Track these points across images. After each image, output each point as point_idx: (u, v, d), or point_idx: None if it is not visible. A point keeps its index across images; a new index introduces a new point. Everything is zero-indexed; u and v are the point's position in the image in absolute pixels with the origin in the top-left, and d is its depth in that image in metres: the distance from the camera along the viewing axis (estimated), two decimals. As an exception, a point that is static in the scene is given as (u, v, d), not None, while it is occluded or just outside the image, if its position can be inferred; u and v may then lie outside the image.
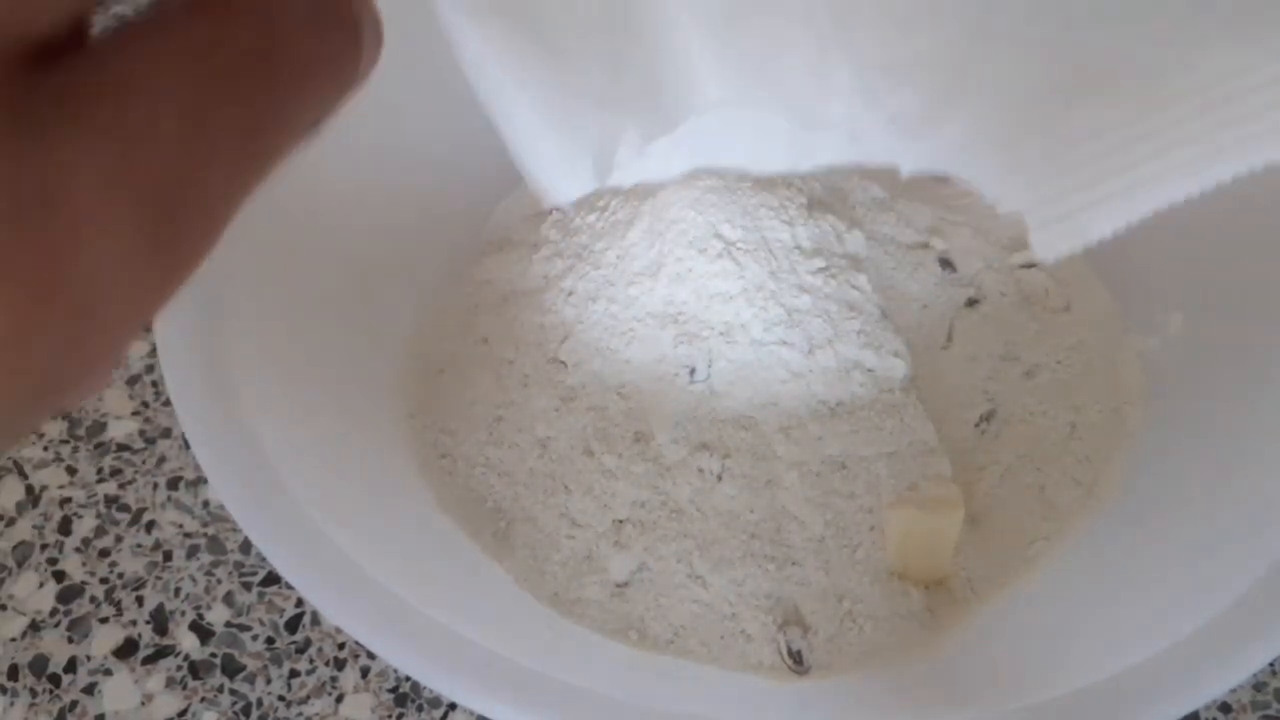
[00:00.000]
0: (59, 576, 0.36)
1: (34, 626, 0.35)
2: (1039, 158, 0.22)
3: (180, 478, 0.38)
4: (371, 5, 0.14)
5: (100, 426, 0.39)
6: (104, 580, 0.36)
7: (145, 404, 0.39)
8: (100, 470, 0.38)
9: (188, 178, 0.12)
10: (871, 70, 0.23)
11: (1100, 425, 0.34)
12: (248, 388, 0.29)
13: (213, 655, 0.34)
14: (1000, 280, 0.37)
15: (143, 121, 0.11)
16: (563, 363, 0.34)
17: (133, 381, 0.40)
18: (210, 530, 0.37)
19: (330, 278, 0.34)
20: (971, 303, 0.36)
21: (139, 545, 0.36)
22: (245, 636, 0.35)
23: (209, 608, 0.35)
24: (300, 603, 0.35)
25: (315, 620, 0.35)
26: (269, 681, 0.34)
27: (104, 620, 0.35)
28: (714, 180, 0.33)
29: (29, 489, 0.38)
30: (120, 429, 0.39)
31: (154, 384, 0.40)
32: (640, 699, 0.26)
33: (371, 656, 0.34)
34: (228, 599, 0.35)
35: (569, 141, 0.23)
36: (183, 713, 0.33)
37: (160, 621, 0.35)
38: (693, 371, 0.32)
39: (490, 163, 0.40)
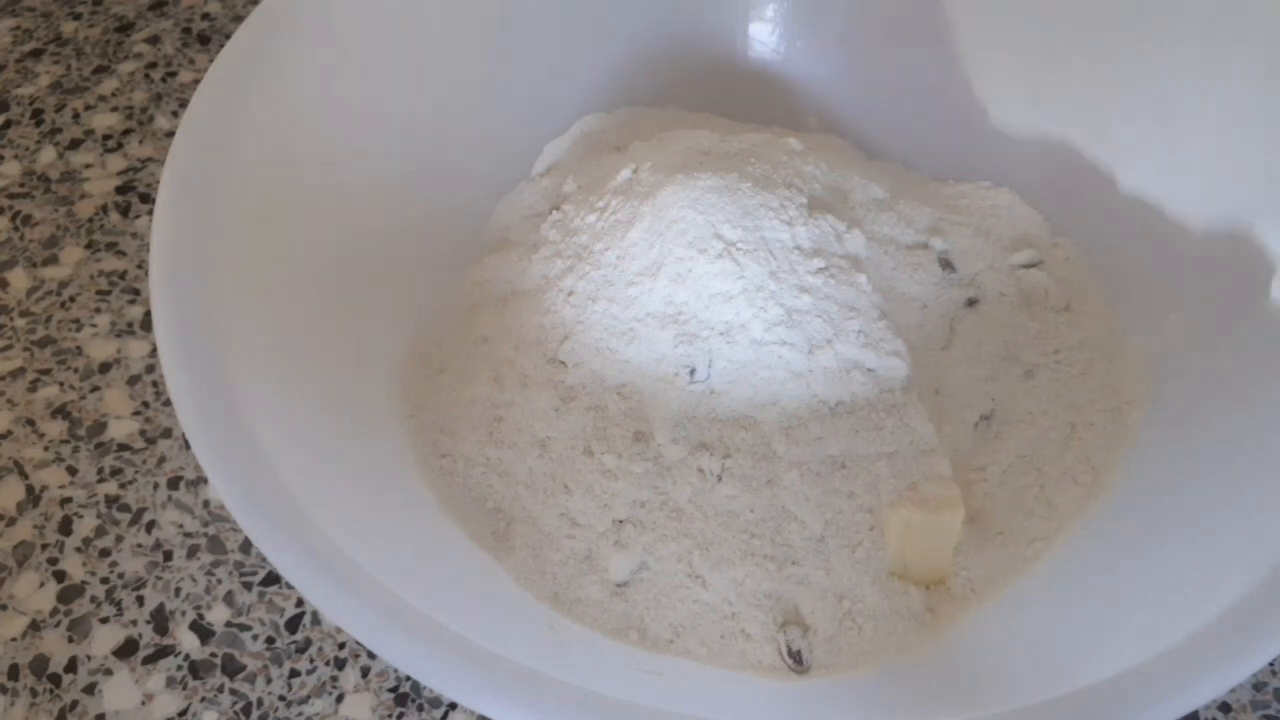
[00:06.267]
0: (59, 576, 0.36)
1: (34, 626, 0.35)
2: None
3: (180, 478, 0.38)
4: None
5: (100, 426, 0.39)
6: (104, 580, 0.36)
7: (145, 404, 0.39)
8: (101, 470, 0.38)
9: None
10: None
11: (1100, 425, 0.34)
12: (248, 388, 0.29)
13: (213, 655, 0.34)
14: (1000, 280, 0.37)
15: None
16: (562, 363, 0.34)
17: (133, 381, 0.40)
18: (210, 530, 0.37)
19: (330, 278, 0.34)
20: (971, 303, 0.36)
21: (139, 545, 0.36)
22: (245, 636, 0.35)
23: (209, 607, 0.35)
24: (300, 603, 0.35)
25: (315, 620, 0.35)
26: (269, 681, 0.34)
27: (104, 620, 0.35)
28: (714, 180, 0.33)
29: (29, 489, 0.38)
30: (120, 429, 0.39)
31: (154, 384, 0.40)
32: (640, 699, 0.26)
33: (371, 656, 0.34)
34: (228, 599, 0.35)
35: None
36: (183, 713, 0.33)
37: (160, 621, 0.35)
38: (693, 371, 0.32)
39: (490, 163, 0.41)
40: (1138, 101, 0.38)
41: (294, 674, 0.34)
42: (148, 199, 0.45)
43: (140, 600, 0.35)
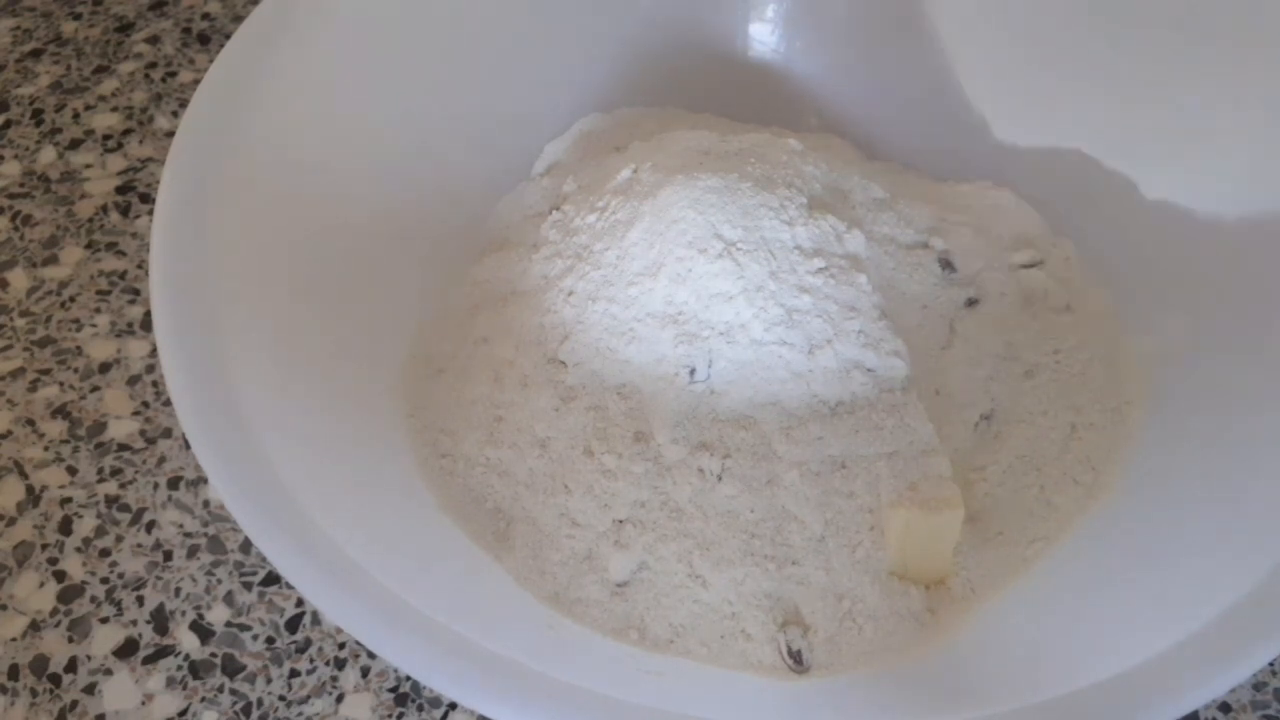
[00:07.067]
0: (59, 576, 0.36)
1: (34, 626, 0.35)
2: None
3: (180, 478, 0.38)
4: None
5: (100, 426, 0.39)
6: (104, 580, 0.36)
7: (145, 404, 0.39)
8: (101, 470, 0.38)
9: None
10: None
11: (1100, 425, 0.34)
12: (248, 388, 0.29)
13: (213, 655, 0.34)
14: (1000, 280, 0.37)
15: None
16: (562, 363, 0.34)
17: (133, 381, 0.40)
18: (210, 530, 0.37)
19: (330, 278, 0.34)
20: (971, 303, 0.36)
21: (139, 545, 0.36)
22: (245, 636, 0.35)
23: (209, 608, 0.35)
24: (300, 603, 0.35)
25: (315, 620, 0.35)
26: (269, 681, 0.34)
27: (104, 620, 0.35)
28: (714, 180, 0.33)
29: (29, 489, 0.38)
30: (120, 429, 0.39)
31: (154, 384, 0.40)
32: (640, 699, 0.26)
33: (371, 656, 0.34)
34: (228, 599, 0.35)
35: None
36: (183, 713, 0.33)
37: (160, 621, 0.35)
38: (693, 371, 0.32)
39: (490, 163, 0.41)
40: (1140, 102, 0.38)
41: (294, 674, 0.34)
42: (148, 199, 0.45)
43: (140, 600, 0.35)
